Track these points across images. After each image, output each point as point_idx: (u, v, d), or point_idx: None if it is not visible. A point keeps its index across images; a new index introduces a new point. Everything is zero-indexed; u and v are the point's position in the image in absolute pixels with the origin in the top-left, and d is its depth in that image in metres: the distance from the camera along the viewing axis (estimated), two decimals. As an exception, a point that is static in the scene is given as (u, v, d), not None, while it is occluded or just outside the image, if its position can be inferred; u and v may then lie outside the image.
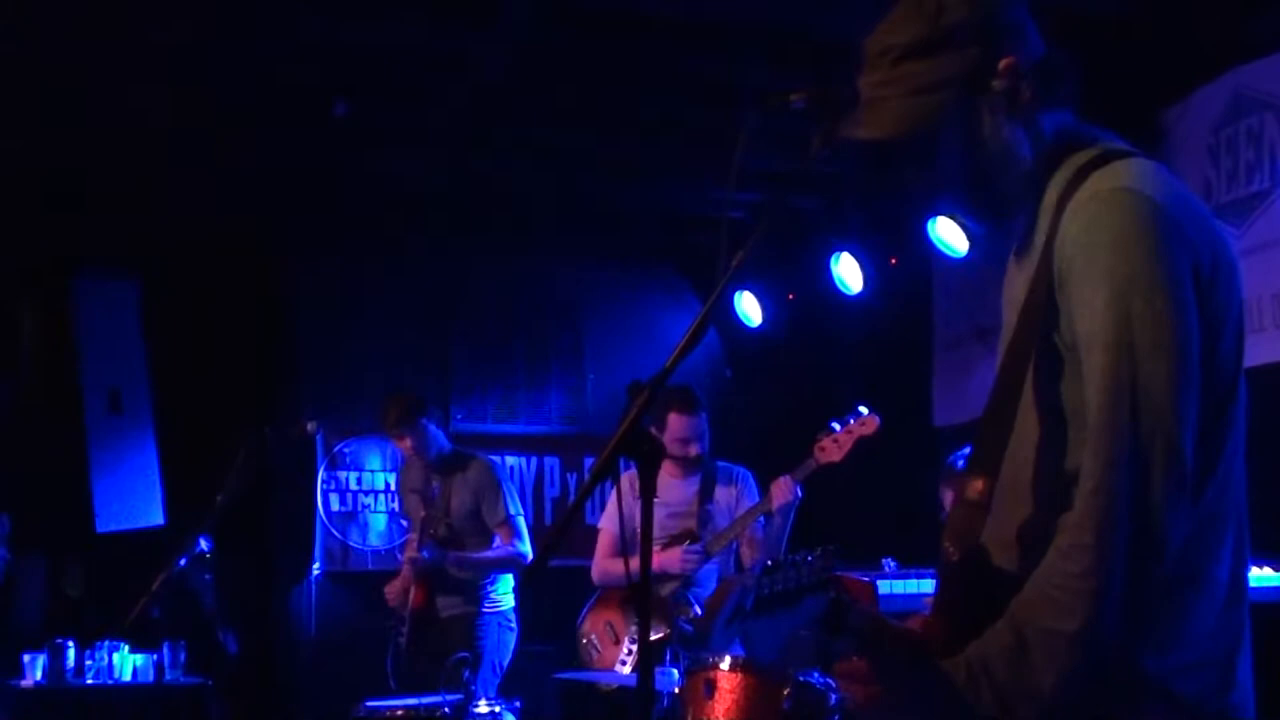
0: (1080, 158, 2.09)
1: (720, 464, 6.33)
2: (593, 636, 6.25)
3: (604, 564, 6.31)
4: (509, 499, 6.79)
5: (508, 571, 6.83)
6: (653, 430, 6.18)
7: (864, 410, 5.79)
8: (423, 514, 6.68)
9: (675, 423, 6.10)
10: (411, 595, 6.65)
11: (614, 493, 6.35)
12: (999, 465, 2.05)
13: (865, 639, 1.98)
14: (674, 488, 6.22)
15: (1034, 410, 2.06)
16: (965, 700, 1.92)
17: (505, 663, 6.78)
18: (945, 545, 2.04)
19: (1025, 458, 2.07)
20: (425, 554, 6.60)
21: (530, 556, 6.70)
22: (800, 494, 5.83)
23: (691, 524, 6.15)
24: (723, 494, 6.23)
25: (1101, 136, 2.14)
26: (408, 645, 6.59)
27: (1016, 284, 2.17)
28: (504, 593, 6.84)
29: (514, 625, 6.88)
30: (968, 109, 2.09)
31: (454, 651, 6.37)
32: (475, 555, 6.71)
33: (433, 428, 6.88)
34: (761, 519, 6.02)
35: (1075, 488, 1.94)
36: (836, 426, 5.78)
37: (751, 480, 6.30)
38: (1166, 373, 1.88)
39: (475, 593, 6.74)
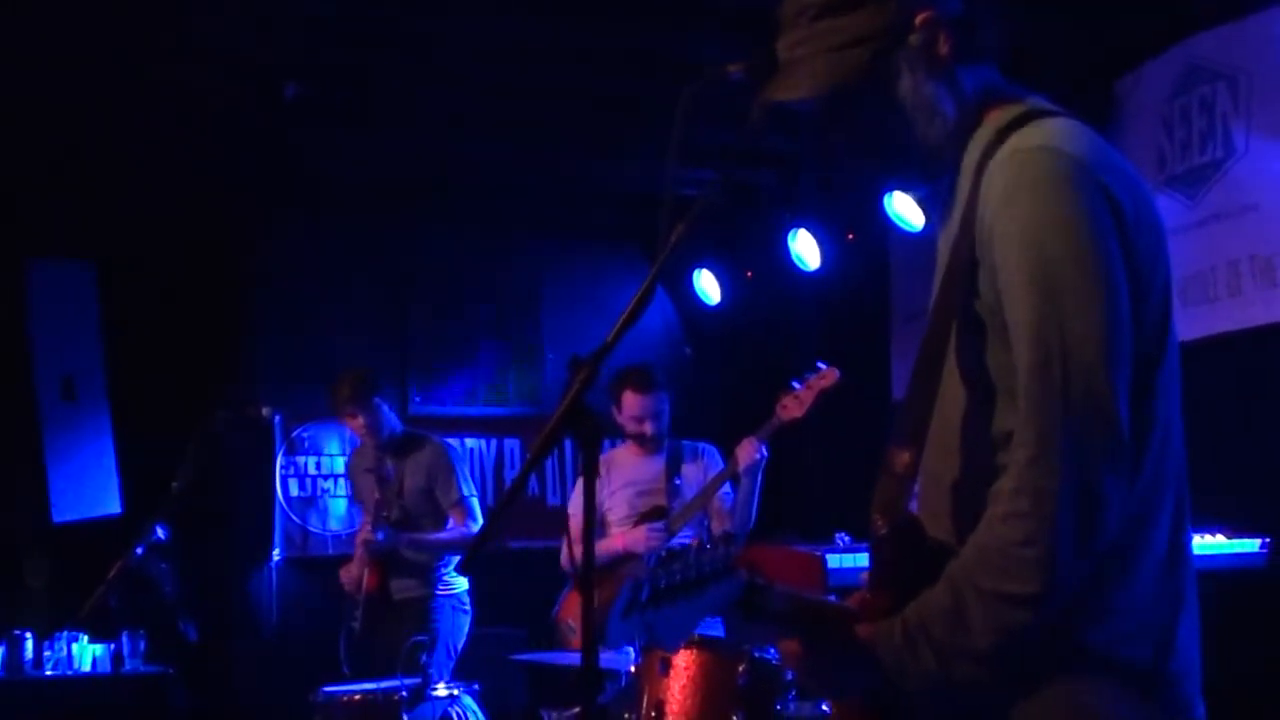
0: (1001, 116, 2.07)
1: (685, 442, 6.35)
2: (570, 620, 6.24)
3: (575, 548, 6.27)
4: (462, 480, 6.72)
5: (461, 553, 6.70)
6: (608, 409, 6.21)
7: (822, 365, 5.79)
8: (376, 496, 6.59)
9: (629, 401, 6.15)
10: (365, 578, 6.56)
11: (581, 478, 6.38)
12: (924, 436, 2.03)
13: (787, 620, 1.97)
14: (640, 466, 6.25)
15: (958, 379, 2.04)
16: (899, 667, 1.91)
17: (460, 645, 6.71)
18: (873, 518, 2.02)
19: (952, 426, 2.05)
20: (379, 536, 6.50)
21: None
22: (766, 453, 5.83)
23: (661, 500, 6.15)
24: (690, 469, 6.24)
25: (1024, 95, 2.12)
26: (361, 629, 6.51)
27: (942, 251, 2.15)
28: (457, 575, 6.77)
29: (468, 608, 6.82)
30: (886, 65, 2.07)
31: (408, 635, 6.32)
32: (429, 537, 6.64)
33: (385, 407, 6.77)
34: (729, 488, 6.02)
35: (1004, 453, 1.94)
36: (796, 384, 5.78)
37: (716, 454, 6.31)
38: (1096, 329, 1.86)
39: (429, 575, 6.67)
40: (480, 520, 6.70)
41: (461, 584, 6.78)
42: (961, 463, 2.04)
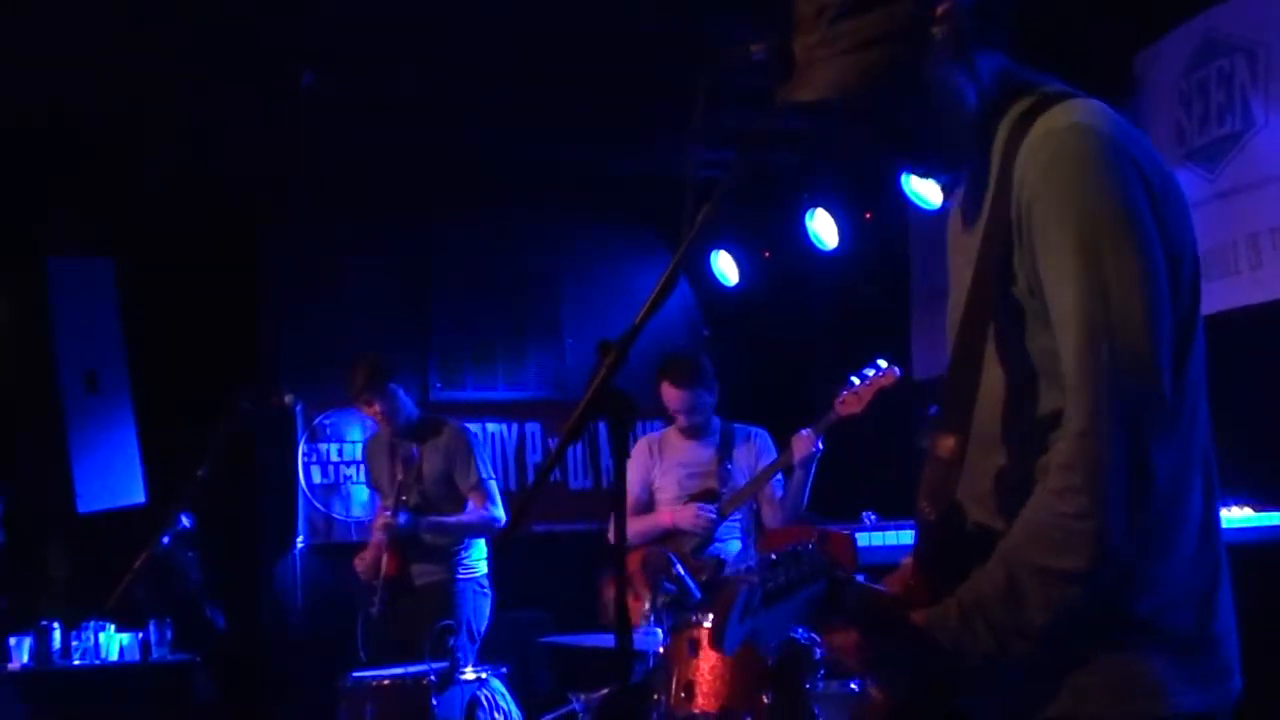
0: (1023, 103, 2.07)
1: (736, 425, 6.37)
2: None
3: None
4: (481, 463, 6.66)
5: (481, 536, 6.68)
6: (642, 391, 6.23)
7: (883, 363, 5.80)
8: (399, 479, 6.53)
9: (666, 392, 6.21)
10: (385, 563, 6.47)
11: (631, 456, 6.41)
12: (969, 422, 2.05)
13: (862, 614, 1.99)
14: (691, 449, 6.28)
15: (998, 363, 2.05)
16: (957, 649, 1.93)
17: (482, 629, 6.65)
18: (921, 505, 2.04)
19: (993, 411, 2.07)
20: (401, 520, 6.43)
21: (503, 520, 6.58)
22: (821, 447, 5.85)
23: (712, 483, 6.18)
24: (741, 454, 6.26)
25: (1038, 80, 2.13)
26: (380, 614, 6.43)
27: (966, 237, 2.16)
28: (478, 559, 6.71)
29: (489, 591, 6.73)
30: (909, 61, 2.06)
31: (428, 619, 6.28)
32: (450, 520, 6.56)
33: (402, 393, 6.68)
34: (780, 477, 6.04)
35: (1051, 433, 1.96)
36: (856, 380, 5.78)
37: (768, 439, 6.32)
38: (1141, 303, 1.88)
39: (449, 559, 6.59)
40: (500, 503, 6.64)
41: (482, 567, 6.73)
42: (1006, 446, 2.05)
